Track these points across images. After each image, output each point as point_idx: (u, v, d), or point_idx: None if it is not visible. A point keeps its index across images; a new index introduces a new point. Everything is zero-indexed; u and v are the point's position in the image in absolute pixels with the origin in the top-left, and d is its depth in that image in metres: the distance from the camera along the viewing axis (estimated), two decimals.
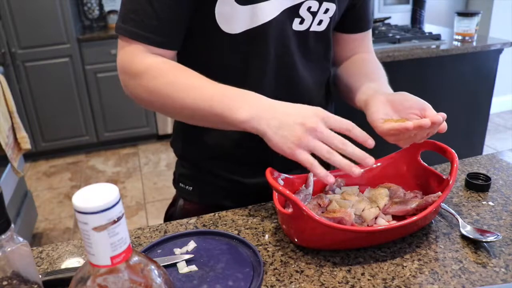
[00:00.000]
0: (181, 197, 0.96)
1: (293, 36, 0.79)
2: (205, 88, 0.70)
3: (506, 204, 0.79)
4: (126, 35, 0.73)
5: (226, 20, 0.74)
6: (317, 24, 0.81)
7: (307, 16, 0.78)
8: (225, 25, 0.75)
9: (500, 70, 2.27)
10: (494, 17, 3.37)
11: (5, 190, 1.94)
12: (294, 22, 0.78)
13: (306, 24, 0.79)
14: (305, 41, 0.81)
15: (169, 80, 0.71)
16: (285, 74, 0.82)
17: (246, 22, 0.74)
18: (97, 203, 0.36)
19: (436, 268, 0.64)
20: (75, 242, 0.75)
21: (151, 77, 0.72)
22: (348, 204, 0.72)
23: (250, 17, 0.74)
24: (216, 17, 0.74)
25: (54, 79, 3.11)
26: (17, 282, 0.46)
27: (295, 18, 0.78)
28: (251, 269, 0.63)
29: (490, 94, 2.27)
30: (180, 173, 0.96)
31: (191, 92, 0.70)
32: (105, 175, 3.10)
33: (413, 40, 2.15)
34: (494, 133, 3.41)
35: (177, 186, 0.97)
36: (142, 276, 0.40)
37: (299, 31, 0.80)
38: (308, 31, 0.81)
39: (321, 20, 0.81)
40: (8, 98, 2.03)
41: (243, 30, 0.75)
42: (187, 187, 0.94)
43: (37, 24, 2.96)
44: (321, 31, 0.82)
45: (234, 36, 0.75)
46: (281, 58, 0.80)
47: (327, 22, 0.82)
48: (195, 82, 0.71)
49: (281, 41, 0.78)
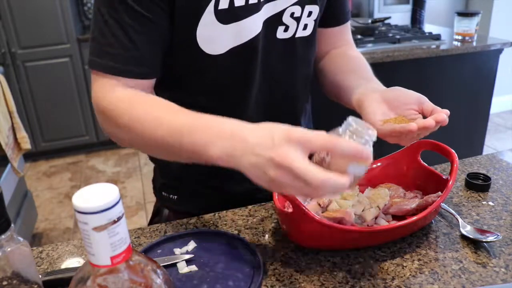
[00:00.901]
0: (165, 207, 0.92)
1: (279, 45, 0.77)
2: (175, 121, 0.63)
3: (506, 204, 0.79)
4: (105, 71, 0.68)
5: (208, 41, 0.71)
6: (303, 29, 0.79)
7: (291, 23, 0.76)
8: (207, 47, 0.72)
9: (500, 70, 2.26)
10: (494, 17, 3.37)
11: (5, 190, 1.94)
12: (278, 31, 0.76)
13: (291, 31, 0.77)
14: (292, 48, 0.79)
15: (137, 116, 0.65)
16: (270, 83, 0.80)
17: (231, 40, 0.72)
18: (97, 203, 0.36)
19: (436, 268, 0.64)
20: (75, 242, 0.75)
21: (120, 114, 0.67)
22: (348, 204, 0.72)
23: (235, 35, 0.71)
24: (198, 40, 0.71)
25: (54, 79, 3.11)
26: (17, 282, 0.46)
27: (279, 26, 0.76)
28: (251, 269, 0.63)
29: (490, 94, 2.27)
30: (162, 183, 0.91)
31: (159, 128, 0.63)
32: (105, 175, 3.10)
33: (413, 40, 2.15)
34: (494, 133, 3.41)
35: (159, 195, 0.92)
36: (142, 276, 0.40)
37: (284, 39, 0.78)
38: (294, 38, 0.78)
39: (306, 25, 0.79)
40: (8, 98, 2.03)
41: (227, 49, 0.73)
42: (172, 196, 0.90)
43: (37, 24, 2.96)
44: (307, 36, 0.80)
45: (217, 56, 0.73)
46: (266, 69, 0.78)
47: (312, 26, 0.80)
48: (164, 116, 0.64)
49: (267, 53, 0.77)
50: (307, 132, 0.53)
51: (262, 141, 0.55)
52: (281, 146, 0.52)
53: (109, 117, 0.68)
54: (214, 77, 0.76)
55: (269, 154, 0.53)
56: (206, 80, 0.77)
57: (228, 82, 0.77)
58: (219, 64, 0.74)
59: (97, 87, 0.70)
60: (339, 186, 0.52)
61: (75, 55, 3.10)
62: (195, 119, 0.62)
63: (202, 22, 0.69)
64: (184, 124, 0.62)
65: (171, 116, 0.64)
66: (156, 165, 0.93)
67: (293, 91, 0.85)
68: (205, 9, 0.68)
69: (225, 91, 0.78)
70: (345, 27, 0.93)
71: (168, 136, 0.62)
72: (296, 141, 0.53)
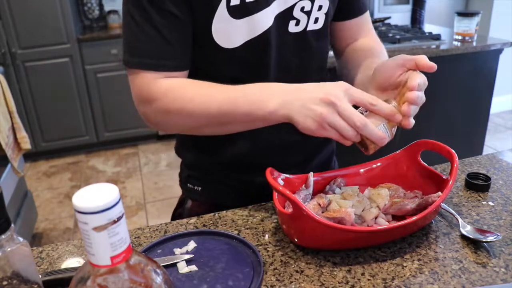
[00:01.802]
0: (189, 198, 0.96)
1: (291, 39, 0.80)
2: (226, 93, 0.71)
3: (506, 204, 0.79)
4: (140, 67, 0.73)
5: (223, 36, 0.75)
6: (314, 22, 0.81)
7: (302, 17, 0.78)
8: (223, 41, 0.75)
9: (500, 70, 2.27)
10: (494, 17, 3.37)
11: (5, 190, 1.94)
12: (290, 25, 0.78)
13: (302, 24, 0.79)
14: (304, 41, 0.82)
15: (189, 97, 0.72)
16: (285, 76, 0.81)
17: (244, 34, 0.75)
18: (97, 203, 0.36)
19: (436, 268, 0.64)
20: (75, 242, 0.75)
21: (171, 99, 0.72)
22: (348, 204, 0.72)
23: (248, 29, 0.74)
24: (213, 34, 0.74)
25: (54, 79, 3.11)
26: (17, 282, 0.46)
27: (290, 21, 0.78)
28: (251, 269, 0.63)
29: (490, 94, 2.27)
30: (188, 175, 0.95)
31: (213, 101, 0.71)
32: (105, 175, 3.10)
33: (413, 40, 2.15)
34: (494, 133, 3.41)
35: (185, 187, 0.96)
36: (142, 276, 0.40)
37: (296, 32, 0.80)
38: (306, 31, 0.81)
39: (317, 18, 0.81)
40: (8, 98, 2.03)
41: (242, 43, 0.76)
42: (196, 188, 0.93)
43: (37, 24, 2.96)
44: (319, 29, 0.82)
45: (233, 50, 0.76)
46: (280, 63, 0.80)
47: (323, 19, 0.82)
48: (214, 91, 0.72)
49: (280, 46, 0.79)
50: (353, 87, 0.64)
51: (315, 86, 0.66)
52: (332, 89, 0.64)
53: (159, 105, 0.73)
54: (230, 71, 0.80)
55: (321, 94, 0.63)
56: (223, 74, 0.79)
57: (244, 76, 0.79)
58: (234, 58, 0.77)
59: (138, 83, 0.75)
60: (375, 134, 0.63)
61: (75, 55, 3.10)
62: (245, 86, 0.70)
63: (216, 17, 0.72)
64: (236, 91, 0.70)
65: (222, 89, 0.71)
66: (182, 159, 0.97)
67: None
68: (219, 5, 0.72)
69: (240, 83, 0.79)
70: (363, 17, 0.93)
71: (224, 104, 0.70)
72: (346, 89, 0.64)
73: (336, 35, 0.94)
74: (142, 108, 0.77)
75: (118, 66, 3.20)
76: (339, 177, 0.80)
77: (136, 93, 0.76)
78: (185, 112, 0.72)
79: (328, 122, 0.63)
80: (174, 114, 0.73)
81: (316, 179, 0.78)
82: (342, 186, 0.80)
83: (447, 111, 2.16)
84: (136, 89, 0.76)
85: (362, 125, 0.62)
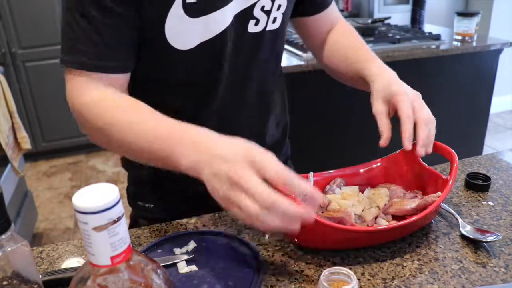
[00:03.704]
0: (140, 217, 0.90)
1: (249, 39, 0.77)
2: (145, 128, 0.64)
3: (506, 204, 0.79)
4: (76, 67, 0.68)
5: (177, 36, 0.70)
6: (272, 22, 0.79)
7: (261, 16, 0.76)
8: (176, 42, 0.71)
9: (500, 70, 2.26)
10: (494, 17, 3.37)
11: (5, 190, 1.94)
12: (249, 25, 0.76)
13: (262, 24, 0.77)
14: (261, 41, 0.79)
15: (109, 120, 0.66)
16: (239, 78, 0.80)
17: (199, 35, 0.71)
18: (97, 203, 0.36)
19: (436, 268, 0.64)
20: (75, 242, 0.75)
21: (94, 117, 0.67)
22: (348, 204, 0.72)
23: (204, 29, 0.71)
24: (166, 34, 0.70)
25: (54, 79, 3.11)
26: (17, 282, 0.46)
27: (250, 20, 0.76)
28: (251, 269, 0.63)
29: (490, 94, 2.27)
30: (136, 192, 0.90)
31: (130, 133, 0.65)
32: (105, 175, 3.10)
33: (413, 40, 2.15)
34: (494, 133, 3.41)
35: (135, 205, 0.91)
36: (142, 276, 0.40)
37: (255, 32, 0.77)
38: (265, 31, 0.79)
39: (275, 18, 0.79)
40: (8, 98, 2.03)
41: (196, 44, 0.72)
42: (147, 205, 0.88)
43: (37, 24, 2.96)
44: (276, 29, 0.81)
45: (186, 52, 0.72)
46: (235, 64, 0.78)
47: (281, 19, 0.80)
48: (134, 121, 0.66)
49: (237, 46, 0.76)
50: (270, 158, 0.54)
51: (226, 154, 0.55)
52: (240, 163, 0.53)
53: (84, 119, 0.69)
54: (182, 73, 0.76)
55: (227, 169, 0.53)
56: (174, 76, 0.77)
57: (195, 78, 0.77)
58: (187, 60, 0.74)
59: (70, 86, 0.70)
60: (290, 212, 0.51)
61: None
62: (169, 125, 0.63)
63: (170, 15, 0.68)
64: (156, 131, 0.63)
65: (144, 121, 0.65)
66: (128, 174, 0.92)
67: (263, 85, 0.85)
68: (174, 2, 0.67)
69: (193, 88, 0.78)
70: (331, 7, 0.93)
71: (139, 142, 0.64)
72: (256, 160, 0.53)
73: (308, 28, 0.93)
74: (73, 115, 0.72)
75: None
76: (339, 177, 0.80)
77: (68, 98, 0.70)
78: (107, 133, 0.67)
79: (233, 202, 0.53)
80: (96, 132, 0.69)
81: (316, 179, 0.78)
82: (342, 186, 0.80)
83: (447, 111, 2.16)
84: (68, 94, 0.71)
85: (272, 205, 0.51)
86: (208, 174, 0.56)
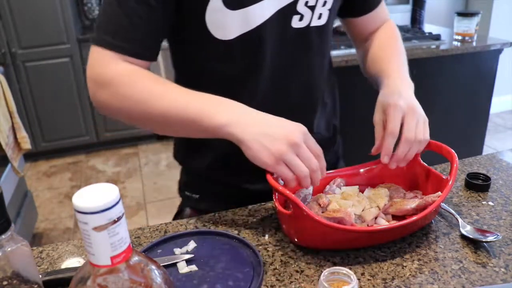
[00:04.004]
0: (187, 206, 0.94)
1: (293, 34, 0.78)
2: (181, 94, 0.68)
3: (506, 204, 0.79)
4: (100, 44, 0.71)
5: (218, 27, 0.73)
6: (317, 18, 0.79)
7: (306, 12, 0.77)
8: (217, 32, 0.73)
9: (500, 70, 2.26)
10: (494, 17, 3.37)
11: (5, 190, 1.94)
12: (293, 20, 0.77)
13: (306, 20, 0.78)
14: (306, 37, 0.80)
15: (142, 87, 0.69)
16: (282, 74, 0.81)
17: (239, 27, 0.73)
18: (97, 203, 0.36)
19: (436, 268, 0.64)
20: (75, 242, 0.75)
21: (124, 84, 0.70)
22: (348, 204, 0.72)
23: (242, 21, 0.72)
24: (208, 25, 0.73)
25: (54, 79, 3.11)
26: (17, 282, 0.46)
27: (294, 16, 0.76)
28: (251, 269, 0.63)
29: (490, 94, 2.27)
30: (184, 182, 0.94)
31: (165, 98, 0.68)
32: (105, 175, 3.10)
33: (413, 40, 2.15)
34: (494, 133, 3.41)
35: (183, 195, 0.95)
36: (142, 276, 0.40)
37: (299, 28, 0.78)
38: (309, 26, 0.79)
39: (321, 14, 0.79)
40: (8, 98, 2.03)
41: (236, 35, 0.74)
42: (193, 195, 0.92)
43: (37, 24, 2.96)
44: (322, 25, 0.81)
45: (228, 42, 0.74)
46: (278, 58, 0.79)
47: (327, 15, 0.80)
48: (170, 89, 0.69)
49: (279, 41, 0.77)
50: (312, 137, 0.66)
51: (279, 121, 0.65)
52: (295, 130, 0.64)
53: (109, 86, 0.70)
54: (224, 66, 0.78)
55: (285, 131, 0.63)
56: (217, 69, 0.79)
57: (237, 73, 0.78)
58: (229, 52, 0.76)
59: (96, 58, 0.72)
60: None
61: (75, 55, 3.10)
62: (203, 94, 0.68)
63: (210, 7, 0.71)
64: (191, 95, 0.67)
65: (178, 89, 0.69)
66: (180, 164, 0.95)
67: (307, 82, 0.85)
68: None
69: (233, 81, 0.79)
70: (379, 7, 0.93)
71: (174, 105, 0.67)
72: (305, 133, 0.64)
73: (355, 28, 0.94)
74: (91, 86, 0.73)
75: None
76: (339, 177, 0.80)
77: (90, 69, 0.72)
78: (135, 100, 0.69)
79: (286, 160, 0.62)
80: (118, 99, 0.70)
81: None
82: (342, 186, 0.80)
83: (447, 111, 2.16)
84: (91, 65, 0.73)
85: (315, 171, 0.64)
86: (256, 133, 0.62)
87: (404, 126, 0.71)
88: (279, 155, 0.62)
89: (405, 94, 0.75)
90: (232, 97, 0.77)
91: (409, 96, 0.75)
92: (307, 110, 0.87)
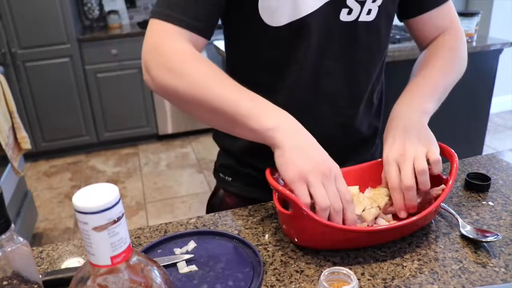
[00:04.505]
0: (221, 188, 0.97)
1: (340, 27, 0.78)
2: (235, 89, 0.68)
3: (506, 204, 0.79)
4: (160, 17, 0.72)
5: (269, 13, 0.75)
6: (366, 14, 0.78)
7: (355, 6, 0.77)
8: (268, 18, 0.75)
9: (500, 70, 2.27)
10: (494, 17, 3.37)
11: (5, 190, 1.94)
12: (341, 13, 0.77)
13: (355, 14, 0.77)
14: (353, 32, 0.79)
15: (200, 68, 0.70)
16: (327, 66, 0.80)
17: (288, 14, 0.74)
18: (97, 203, 0.36)
19: (436, 268, 0.64)
20: (75, 242, 0.75)
21: (181, 60, 0.70)
22: None
23: (292, 9, 0.74)
24: (260, 10, 0.74)
25: (54, 79, 3.11)
26: (17, 282, 0.46)
27: (343, 9, 0.76)
28: (251, 269, 0.63)
29: (490, 94, 2.27)
30: (220, 164, 0.96)
31: (220, 88, 0.68)
32: (105, 175, 3.10)
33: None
34: (494, 133, 3.41)
35: (217, 176, 0.97)
36: (142, 276, 0.40)
37: (347, 22, 0.78)
38: (357, 21, 0.78)
39: (370, 10, 0.78)
40: (8, 98, 2.03)
41: (285, 23, 0.75)
42: (227, 178, 0.94)
43: (37, 24, 2.96)
44: (370, 21, 0.80)
45: (277, 29, 0.76)
46: (324, 50, 0.79)
47: (376, 11, 0.79)
48: (224, 80, 0.69)
49: (326, 33, 0.77)
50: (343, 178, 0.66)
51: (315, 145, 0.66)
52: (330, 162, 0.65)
53: (167, 59, 0.70)
54: (271, 53, 0.80)
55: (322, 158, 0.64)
56: (264, 55, 0.80)
57: (283, 61, 0.79)
58: (278, 38, 0.77)
59: (155, 32, 0.73)
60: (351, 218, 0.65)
61: (75, 55, 3.10)
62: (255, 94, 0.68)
63: None
64: (244, 92, 0.68)
65: (231, 83, 0.69)
66: (218, 145, 0.97)
67: (351, 77, 0.84)
68: None
69: (282, 66, 0.80)
70: (440, 11, 0.88)
71: (228, 94, 0.67)
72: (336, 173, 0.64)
73: (414, 35, 0.93)
74: (148, 59, 0.72)
75: (118, 66, 3.20)
76: None
77: (148, 40, 0.73)
78: (189, 79, 0.69)
79: (309, 181, 0.62)
80: (177, 76, 0.70)
81: None
82: None
83: (447, 111, 2.16)
84: (149, 36, 0.73)
85: (338, 213, 0.63)
86: (295, 146, 0.63)
87: (401, 173, 0.71)
88: (305, 173, 0.62)
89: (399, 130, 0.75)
90: (276, 84, 0.80)
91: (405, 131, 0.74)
92: (349, 105, 0.86)
